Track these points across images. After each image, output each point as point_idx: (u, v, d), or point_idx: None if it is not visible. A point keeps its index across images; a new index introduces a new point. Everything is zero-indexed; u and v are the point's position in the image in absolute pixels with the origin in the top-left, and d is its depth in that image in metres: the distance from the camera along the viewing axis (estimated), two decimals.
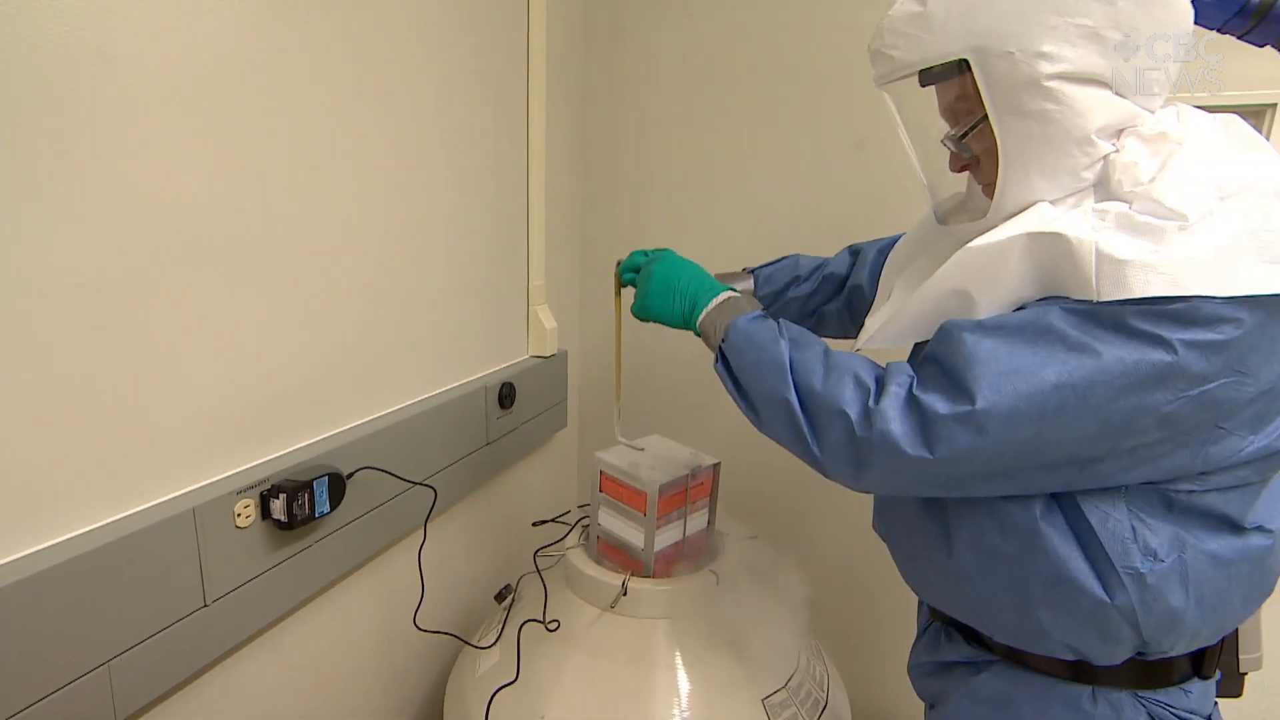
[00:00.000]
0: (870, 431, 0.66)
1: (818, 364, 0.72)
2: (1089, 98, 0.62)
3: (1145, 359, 0.58)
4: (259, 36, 0.76)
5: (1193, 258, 0.56)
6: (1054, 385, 0.60)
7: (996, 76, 0.63)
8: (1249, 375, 0.58)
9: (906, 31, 0.68)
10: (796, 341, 0.76)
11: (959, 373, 0.64)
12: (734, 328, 0.79)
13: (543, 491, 1.59)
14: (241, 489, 0.77)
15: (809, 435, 0.71)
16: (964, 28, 0.64)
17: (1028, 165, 0.66)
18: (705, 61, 1.45)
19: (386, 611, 1.09)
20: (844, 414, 0.68)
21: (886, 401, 0.66)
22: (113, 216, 0.64)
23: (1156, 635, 0.67)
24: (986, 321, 0.65)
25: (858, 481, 0.70)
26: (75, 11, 0.59)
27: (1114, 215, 0.60)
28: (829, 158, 1.40)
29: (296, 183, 0.83)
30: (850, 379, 0.70)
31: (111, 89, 0.62)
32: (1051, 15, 0.61)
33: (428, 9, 1.03)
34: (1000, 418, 0.61)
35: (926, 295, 0.71)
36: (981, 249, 0.66)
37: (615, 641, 0.95)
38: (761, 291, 1.08)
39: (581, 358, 1.70)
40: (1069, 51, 0.61)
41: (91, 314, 0.63)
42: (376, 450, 0.96)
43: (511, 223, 1.32)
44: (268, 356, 0.83)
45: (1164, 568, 0.65)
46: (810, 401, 0.71)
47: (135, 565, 0.67)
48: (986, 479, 0.66)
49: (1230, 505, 0.65)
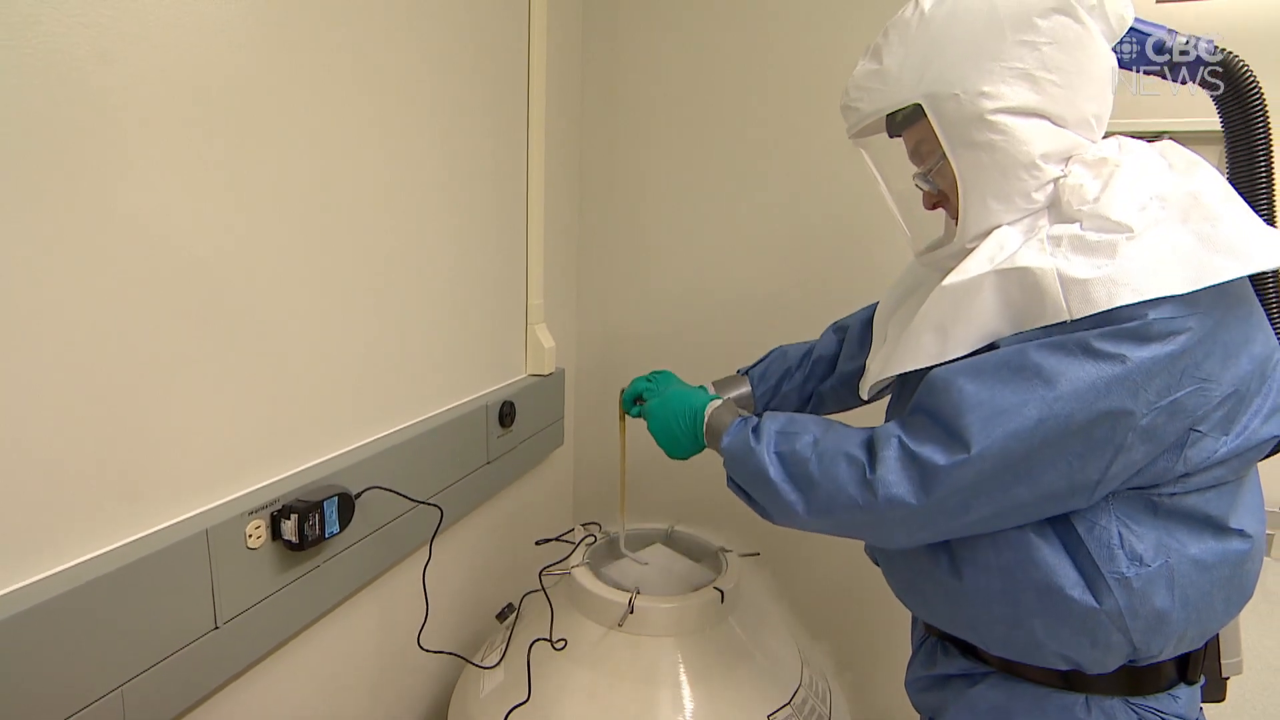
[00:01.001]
0: (876, 500, 0.71)
1: (809, 453, 0.77)
2: (1030, 128, 0.70)
3: (1113, 378, 0.63)
4: (261, 63, 0.77)
5: (1146, 263, 0.62)
6: (1037, 420, 0.65)
7: (947, 116, 0.72)
8: (1211, 380, 0.64)
9: (867, 86, 0.78)
10: (784, 435, 0.81)
11: (950, 421, 0.68)
12: (724, 449, 0.86)
13: (540, 509, 1.59)
14: (253, 509, 0.77)
15: (824, 524, 0.77)
16: (915, 78, 0.73)
17: (983, 190, 0.73)
18: (701, 84, 1.49)
19: (390, 631, 1.08)
20: (845, 493, 0.73)
21: (883, 468, 0.71)
22: (122, 241, 0.64)
23: (1145, 638, 0.70)
24: (965, 366, 0.70)
25: (887, 545, 0.75)
26: (79, 24, 0.60)
27: (1067, 239, 0.67)
28: (827, 174, 1.43)
29: (303, 206, 0.84)
30: (842, 459, 0.75)
31: (111, 108, 0.63)
32: (988, 61, 0.69)
33: (430, 37, 1.05)
34: (994, 459, 0.66)
35: (912, 332, 0.77)
36: (955, 286, 0.72)
37: (622, 660, 0.95)
38: (758, 390, 1.12)
39: (577, 376, 1.71)
40: (1005, 90, 0.69)
41: (103, 338, 0.63)
42: (382, 470, 0.96)
43: (511, 242, 1.33)
44: (277, 376, 0.83)
45: (1150, 572, 0.68)
46: (812, 494, 0.76)
47: (148, 588, 0.66)
48: (996, 516, 0.70)
49: (1211, 505, 0.69)
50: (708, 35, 1.46)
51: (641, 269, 1.61)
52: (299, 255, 0.84)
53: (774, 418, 0.84)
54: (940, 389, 0.70)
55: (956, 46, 0.71)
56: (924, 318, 0.75)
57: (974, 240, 0.74)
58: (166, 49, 0.66)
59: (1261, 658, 2.42)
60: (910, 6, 0.76)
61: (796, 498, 0.77)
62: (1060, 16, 0.68)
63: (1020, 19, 0.68)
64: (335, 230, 0.89)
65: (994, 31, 0.69)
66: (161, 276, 0.67)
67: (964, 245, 0.75)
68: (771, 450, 0.80)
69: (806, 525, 0.79)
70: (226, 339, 0.75)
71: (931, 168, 0.79)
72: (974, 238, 0.74)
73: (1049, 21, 0.68)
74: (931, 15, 0.73)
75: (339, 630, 0.98)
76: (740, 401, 1.12)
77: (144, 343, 0.67)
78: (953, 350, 0.72)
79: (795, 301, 1.49)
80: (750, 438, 0.83)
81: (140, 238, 0.65)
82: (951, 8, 0.72)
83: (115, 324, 0.64)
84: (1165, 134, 1.20)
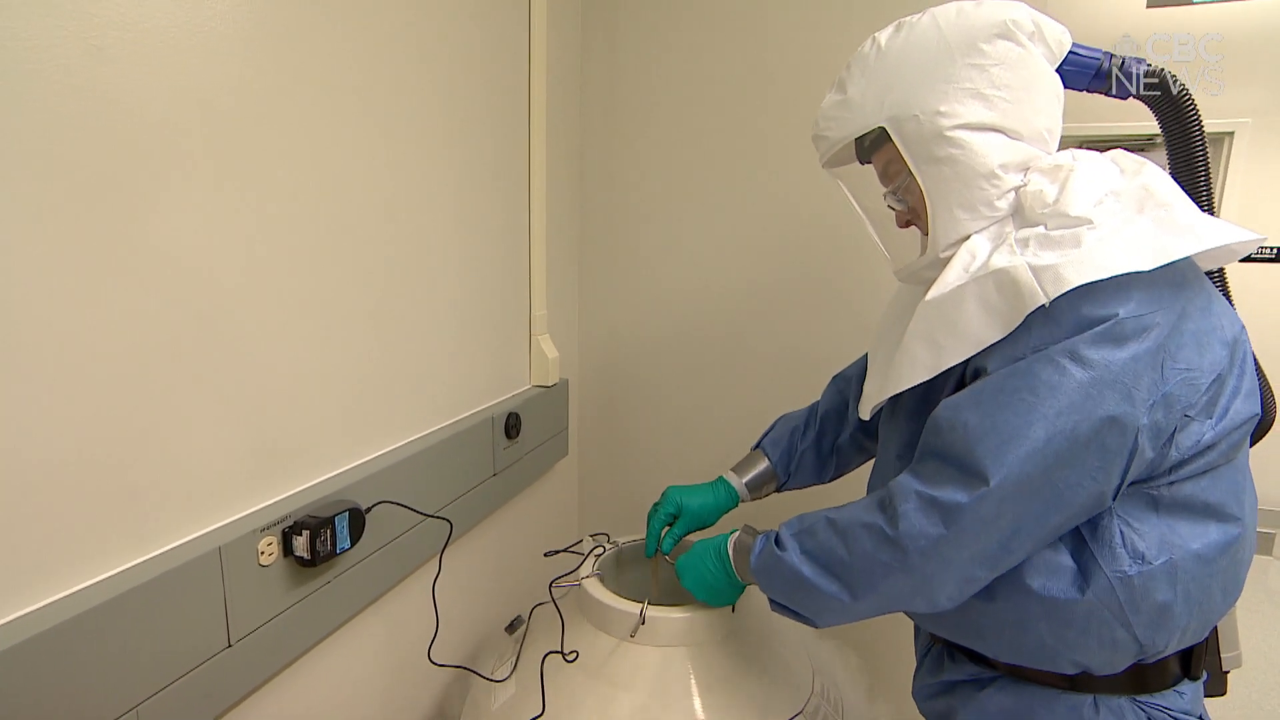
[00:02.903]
0: (906, 555, 0.72)
1: (832, 539, 0.78)
2: (986, 141, 0.74)
3: (1102, 381, 0.65)
4: (260, 74, 0.78)
5: (1109, 247, 0.66)
6: (1045, 439, 0.67)
7: (909, 135, 0.77)
8: (1193, 369, 0.67)
9: (834, 115, 0.84)
10: (804, 534, 0.82)
11: (962, 458, 0.70)
12: (754, 572, 0.87)
13: (546, 521, 1.59)
14: (264, 526, 0.77)
15: (872, 603, 0.76)
16: (877, 104, 0.79)
17: (949, 201, 0.77)
18: (701, 92, 1.50)
19: (400, 646, 1.08)
20: (877, 561, 0.74)
21: (904, 522, 0.72)
22: (130, 257, 0.64)
23: (1150, 633, 0.71)
24: (964, 400, 0.72)
25: (938, 604, 0.74)
26: (76, 33, 0.60)
27: (1034, 239, 0.71)
28: (828, 178, 1.43)
29: (308, 221, 0.84)
30: (860, 530, 0.75)
31: (116, 129, 0.63)
32: (941, 84, 0.75)
33: (431, 49, 1.05)
34: (1013, 484, 0.68)
35: (905, 349, 0.79)
36: (939, 300, 0.75)
37: (635, 671, 0.95)
38: (774, 457, 1.13)
39: (581, 386, 1.71)
40: (960, 108, 0.74)
41: (111, 356, 0.63)
42: (392, 484, 0.96)
43: (513, 252, 1.34)
44: (287, 392, 0.83)
45: (1152, 569, 0.69)
46: (849, 577, 0.76)
47: (161, 608, 0.66)
48: (1033, 541, 0.70)
49: (1208, 493, 0.71)
50: (706, 43, 1.47)
51: (644, 278, 1.62)
52: (306, 271, 0.84)
53: (788, 524, 0.85)
54: (945, 429, 0.72)
55: (912, 72, 0.76)
56: (914, 334, 0.78)
57: (947, 249, 0.78)
58: (166, 57, 0.66)
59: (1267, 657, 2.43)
60: (869, 42, 0.82)
61: (837, 588, 0.77)
62: (1002, 41, 0.74)
63: (967, 44, 0.74)
64: (340, 245, 0.89)
65: (945, 57, 0.75)
66: (167, 292, 0.67)
67: (938, 255, 0.79)
68: (798, 552, 0.81)
69: (858, 612, 0.78)
70: (235, 355, 0.75)
71: (900, 186, 0.83)
72: (946, 247, 0.78)
73: (993, 46, 0.74)
74: (888, 47, 0.79)
75: (350, 646, 0.97)
76: (762, 476, 1.13)
77: (153, 360, 0.67)
78: (946, 360, 0.74)
79: (799, 308, 1.50)
80: (774, 549, 0.83)
81: (149, 253, 0.65)
82: (905, 39, 0.78)
83: (123, 341, 0.64)
84: (1156, 136, 1.23)
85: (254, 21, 0.74)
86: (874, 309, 1.42)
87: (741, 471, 1.13)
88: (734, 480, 1.13)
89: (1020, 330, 0.70)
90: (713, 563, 0.95)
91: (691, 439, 1.64)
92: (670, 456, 1.68)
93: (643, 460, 1.71)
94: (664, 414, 1.66)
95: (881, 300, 1.39)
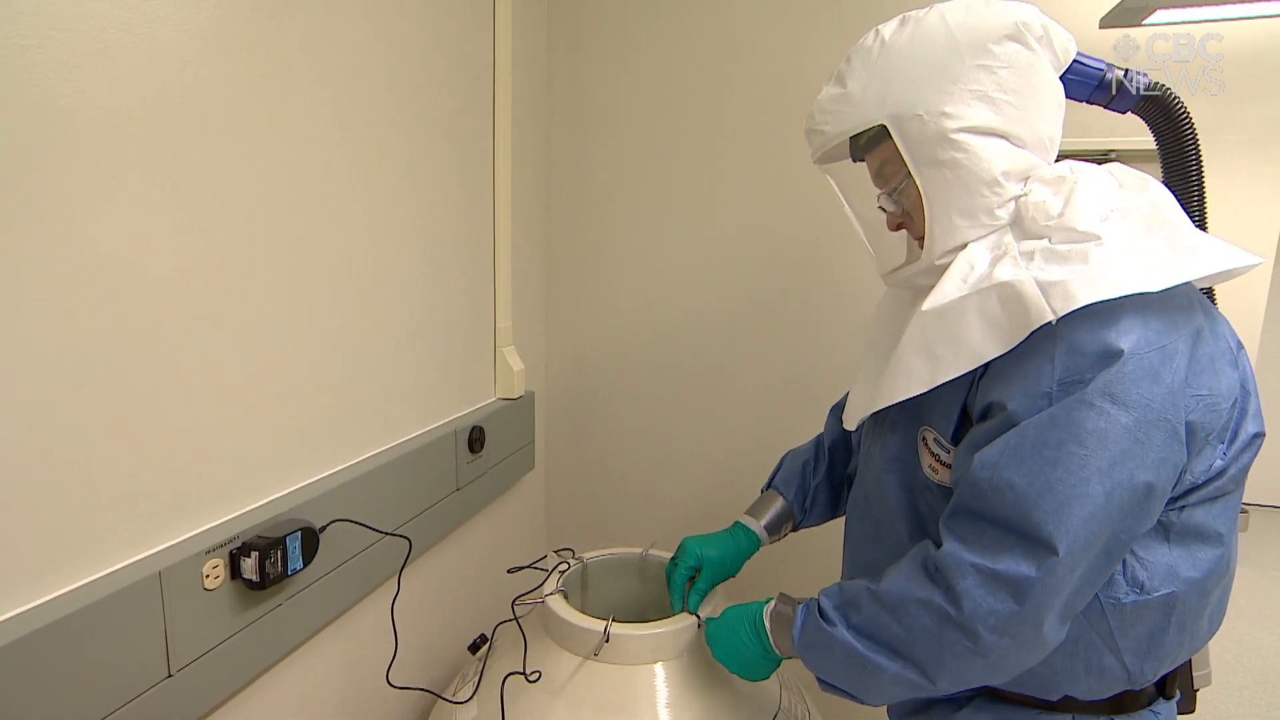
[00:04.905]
0: (978, 639, 0.66)
1: (880, 614, 0.72)
2: (990, 146, 0.72)
3: (1148, 421, 0.63)
4: (220, 79, 0.75)
5: (1119, 265, 0.64)
6: (1105, 494, 0.63)
7: (911, 135, 0.74)
8: (1213, 394, 0.65)
9: (832, 109, 0.80)
10: (846, 606, 0.76)
11: (1018, 524, 0.65)
12: (799, 648, 0.80)
13: (512, 536, 1.56)
14: (210, 548, 0.74)
15: (932, 681, 0.70)
16: (879, 100, 0.75)
17: (949, 207, 0.74)
18: (667, 105, 1.50)
19: (357, 669, 1.04)
20: (943, 640, 0.68)
21: (969, 604, 0.66)
22: (73, 278, 0.61)
23: (1139, 661, 0.70)
24: (1002, 456, 0.66)
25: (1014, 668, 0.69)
26: (47, 65, 0.57)
27: (1039, 253, 0.68)
28: (794, 194, 1.45)
29: (261, 234, 0.82)
30: (914, 606, 0.69)
31: (85, 150, 0.61)
32: (948, 84, 0.72)
33: (395, 57, 1.03)
34: (1082, 549, 0.64)
35: (899, 360, 0.76)
36: (936, 311, 0.72)
37: (599, 690, 0.93)
38: (790, 495, 1.10)
39: (548, 398, 1.69)
40: (966, 110, 0.71)
41: (45, 368, 0.60)
42: (348, 501, 0.93)
43: (478, 263, 1.31)
44: (235, 408, 0.80)
45: (1149, 600, 0.68)
46: (916, 653, 0.70)
47: (95, 637, 0.63)
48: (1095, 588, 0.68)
49: (1216, 520, 0.70)
50: (673, 55, 1.48)
51: (611, 289, 1.61)
52: (259, 280, 0.81)
53: (827, 593, 0.80)
54: (989, 490, 0.66)
55: (918, 70, 0.73)
56: (910, 345, 0.75)
57: (943, 256, 0.75)
58: (121, 63, 0.63)
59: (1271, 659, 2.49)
60: (871, 35, 0.78)
61: (901, 666, 0.71)
62: (1012, 44, 0.72)
63: (977, 45, 0.72)
64: (295, 252, 0.87)
65: (953, 56, 0.72)
66: (104, 300, 0.64)
67: (933, 262, 0.76)
68: (846, 626, 0.75)
69: (930, 692, 0.71)
70: (179, 368, 0.72)
71: (896, 187, 0.80)
72: (942, 254, 0.75)
73: (1003, 48, 0.72)
74: (892, 42, 0.75)
75: (303, 670, 0.94)
76: (780, 516, 1.09)
77: (86, 371, 0.63)
78: (943, 374, 0.71)
79: (770, 319, 1.50)
80: (820, 622, 0.77)
81: (85, 261, 0.62)
82: (911, 34, 0.75)
83: (52, 351, 0.61)
84: (1111, 152, 1.25)
85: (206, 25, 0.71)
86: (849, 322, 1.43)
87: (758, 514, 1.09)
88: (752, 524, 1.08)
89: (1042, 362, 0.66)
90: (747, 634, 0.87)
91: (661, 452, 1.63)
92: (640, 470, 1.67)
93: (611, 474, 1.69)
94: (634, 426, 1.64)
95: (857, 314, 1.41)
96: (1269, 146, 1.18)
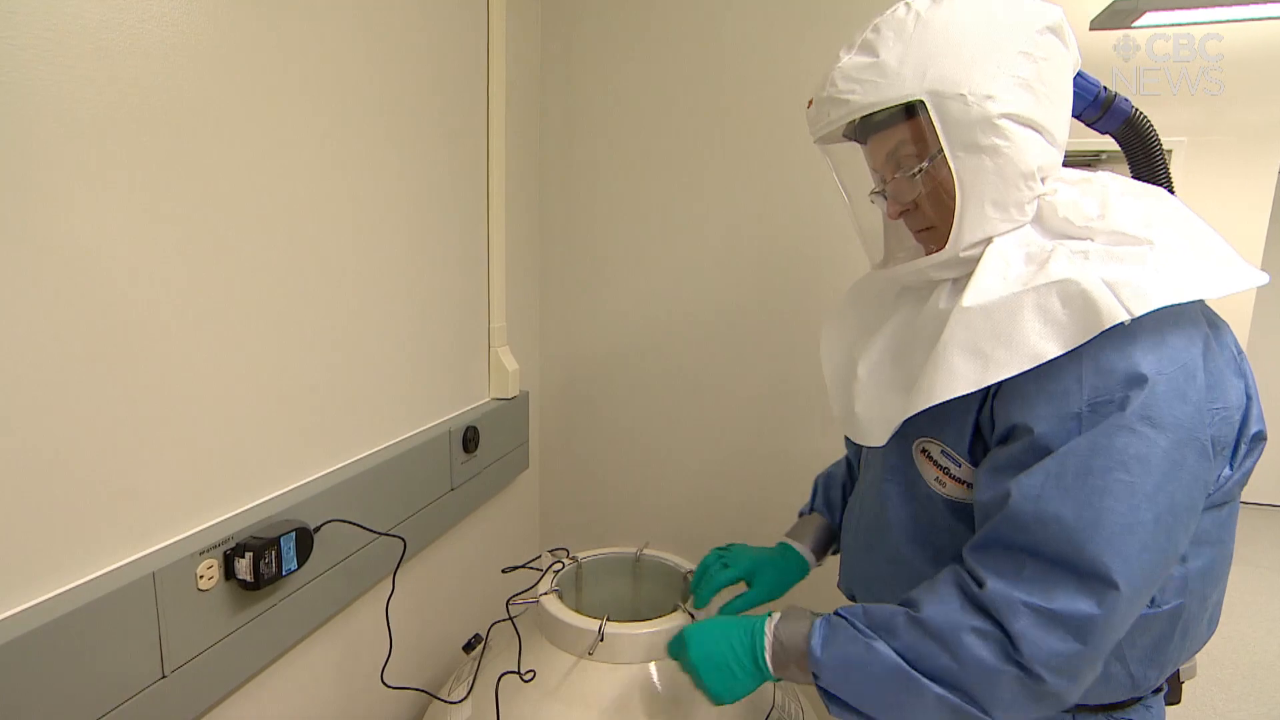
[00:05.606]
0: (1042, 681, 0.63)
1: (924, 642, 0.67)
2: (1029, 138, 0.69)
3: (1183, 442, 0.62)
4: (209, 77, 0.75)
5: (1177, 270, 0.63)
6: (1154, 519, 0.61)
7: (952, 116, 0.69)
8: (1227, 406, 0.66)
9: (861, 78, 0.73)
10: (878, 627, 0.70)
11: (1073, 560, 0.62)
12: (816, 662, 0.72)
13: (506, 536, 1.56)
14: (204, 549, 0.73)
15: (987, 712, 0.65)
16: (917, 74, 0.70)
17: (983, 197, 0.70)
18: (660, 106, 1.50)
19: (352, 669, 1.04)
20: (1002, 676, 0.63)
21: (1029, 648, 0.62)
22: (65, 278, 0.61)
23: (1144, 669, 0.71)
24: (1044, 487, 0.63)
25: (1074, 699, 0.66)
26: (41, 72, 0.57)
27: (1094, 253, 0.66)
28: (786, 194, 1.45)
29: (255, 234, 0.82)
30: (970, 636, 0.65)
31: (74, 147, 0.61)
32: (993, 66, 0.68)
33: (389, 58, 1.03)
34: (1141, 580, 0.62)
35: (942, 361, 0.69)
36: (989, 308, 0.67)
37: (594, 689, 0.93)
38: (836, 518, 1.07)
39: (542, 398, 1.69)
40: (1009, 96, 0.68)
41: (38, 368, 0.60)
42: (342, 501, 0.93)
43: (472, 264, 1.32)
44: (229, 408, 0.80)
45: (1159, 613, 0.69)
46: (955, 679, 0.66)
47: (89, 638, 0.62)
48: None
49: (1220, 527, 0.71)
50: (667, 57, 1.48)
51: (605, 290, 1.61)
52: (252, 280, 0.81)
53: (850, 612, 0.73)
54: (1032, 523, 0.63)
55: (961, 48, 0.69)
56: (953, 343, 0.68)
57: (969, 249, 0.71)
58: (102, 62, 0.63)
59: None
60: (901, 7, 0.73)
61: (960, 700, 0.65)
62: (1051, 37, 0.70)
63: (1020, 32, 0.69)
64: (288, 254, 0.87)
65: (996, 39, 0.69)
66: (96, 301, 0.64)
67: (958, 254, 0.72)
68: (885, 644, 0.68)
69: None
70: (171, 369, 0.72)
71: (913, 171, 0.74)
72: (969, 245, 0.71)
73: (1044, 39, 0.70)
74: (929, 17, 0.71)
75: (297, 671, 0.94)
76: (823, 539, 1.05)
77: (79, 372, 0.63)
78: (994, 374, 0.65)
79: (762, 318, 1.51)
80: (859, 635, 0.70)
81: (81, 268, 0.62)
82: (949, 12, 0.71)
83: (50, 354, 0.60)
84: (1103, 153, 1.26)
85: (194, 25, 0.71)
86: None
87: (798, 536, 1.05)
88: (801, 549, 1.04)
89: (1069, 383, 0.63)
90: (738, 640, 0.78)
91: (656, 452, 1.64)
92: (634, 469, 1.67)
93: (606, 473, 1.69)
94: (628, 426, 1.65)
95: None
96: (1269, 145, 1.19)
